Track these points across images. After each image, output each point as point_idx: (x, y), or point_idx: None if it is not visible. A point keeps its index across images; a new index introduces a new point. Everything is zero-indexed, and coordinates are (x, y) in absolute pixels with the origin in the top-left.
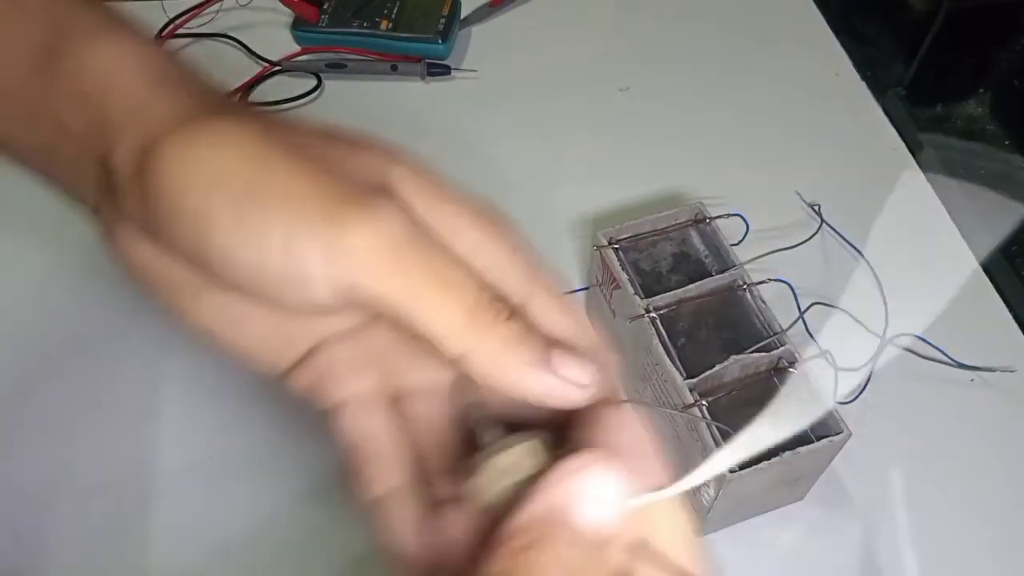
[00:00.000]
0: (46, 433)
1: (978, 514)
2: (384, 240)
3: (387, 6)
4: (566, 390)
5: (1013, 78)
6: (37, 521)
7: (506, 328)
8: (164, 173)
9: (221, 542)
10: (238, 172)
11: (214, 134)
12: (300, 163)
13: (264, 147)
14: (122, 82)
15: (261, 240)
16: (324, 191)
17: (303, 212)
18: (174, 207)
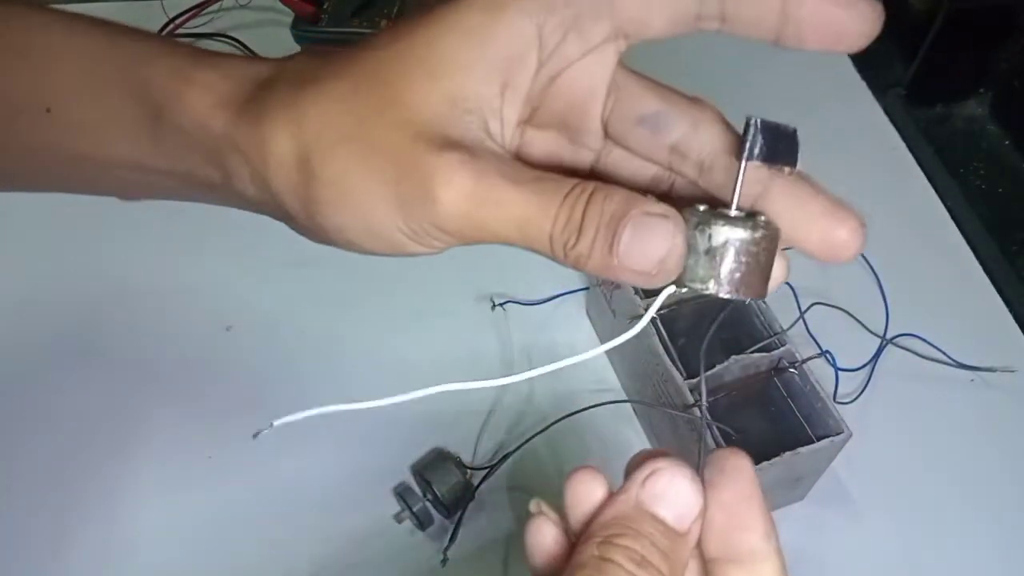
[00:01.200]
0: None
1: (978, 514)
2: (463, 204)
3: (387, 6)
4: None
5: (1013, 78)
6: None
7: (577, 251)
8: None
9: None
10: (331, 168)
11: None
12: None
13: (336, 127)
14: (217, 116)
15: (355, 239)
16: (395, 195)
17: (386, 224)
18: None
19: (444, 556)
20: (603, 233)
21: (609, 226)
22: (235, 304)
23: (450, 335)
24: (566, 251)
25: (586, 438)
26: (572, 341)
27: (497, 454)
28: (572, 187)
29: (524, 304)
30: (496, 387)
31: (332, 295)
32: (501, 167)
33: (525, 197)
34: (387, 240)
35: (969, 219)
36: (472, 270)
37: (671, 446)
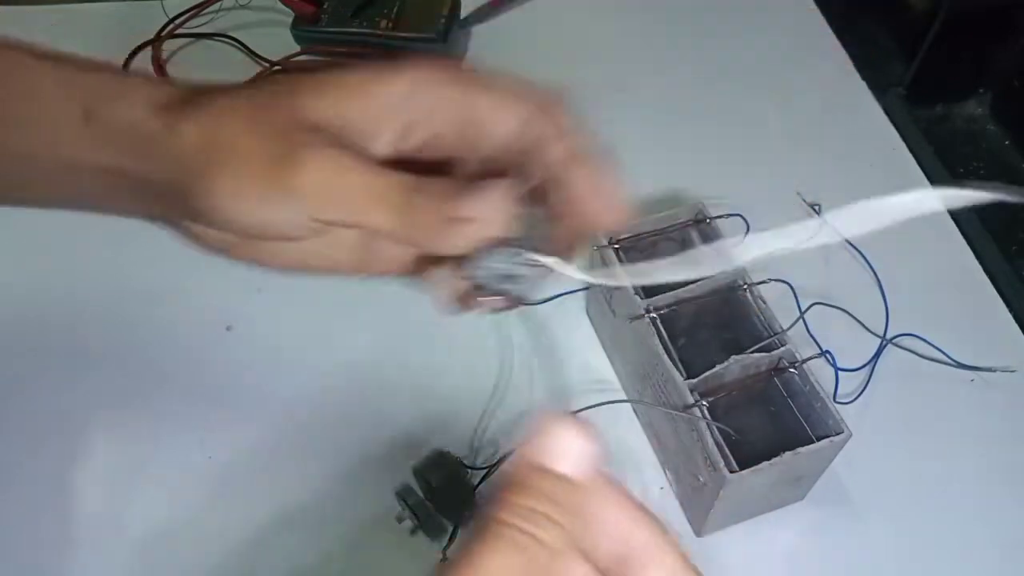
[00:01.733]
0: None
1: (978, 514)
2: (312, 175)
3: (387, 6)
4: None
5: (1013, 78)
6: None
7: (424, 220)
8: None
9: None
10: (229, 141)
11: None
12: (258, 138)
13: (240, 115)
14: (144, 113)
15: (244, 202)
16: (270, 155)
17: (261, 179)
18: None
19: (444, 556)
20: (437, 215)
21: (445, 197)
22: (235, 304)
23: (450, 335)
24: (403, 231)
25: None
26: (572, 341)
27: (497, 454)
28: (402, 177)
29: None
30: (494, 388)
31: (332, 295)
32: (362, 156)
33: (377, 173)
34: (262, 208)
35: (969, 219)
36: None
37: (671, 446)
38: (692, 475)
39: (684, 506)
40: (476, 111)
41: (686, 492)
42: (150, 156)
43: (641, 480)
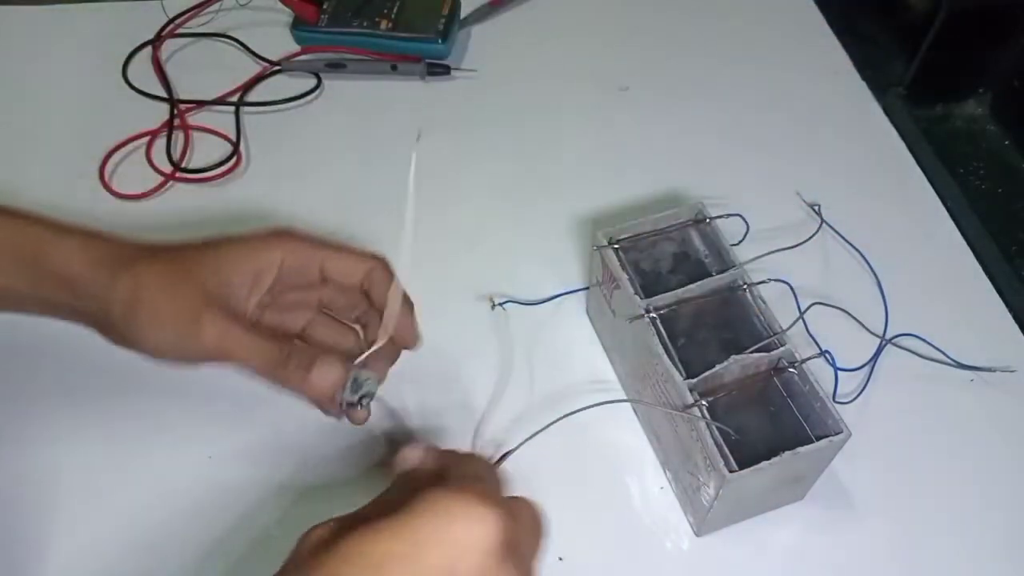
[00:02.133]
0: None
1: (978, 513)
2: (209, 337)
3: (387, 6)
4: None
5: (1013, 78)
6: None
7: (282, 376)
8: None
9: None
10: (150, 301)
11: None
12: (175, 293)
13: (156, 281)
14: (81, 267)
15: (159, 343)
16: (183, 311)
17: (177, 328)
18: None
19: None
20: (300, 371)
21: (306, 365)
22: None
23: (450, 335)
24: (276, 375)
25: (586, 437)
26: (572, 341)
27: (496, 453)
28: (282, 340)
29: (524, 304)
30: (494, 388)
31: None
32: (242, 321)
33: (253, 338)
34: (172, 350)
35: (969, 219)
36: (472, 270)
37: (671, 446)
38: (692, 475)
39: (684, 506)
40: (329, 270)
41: (686, 492)
42: (84, 299)
43: (641, 480)
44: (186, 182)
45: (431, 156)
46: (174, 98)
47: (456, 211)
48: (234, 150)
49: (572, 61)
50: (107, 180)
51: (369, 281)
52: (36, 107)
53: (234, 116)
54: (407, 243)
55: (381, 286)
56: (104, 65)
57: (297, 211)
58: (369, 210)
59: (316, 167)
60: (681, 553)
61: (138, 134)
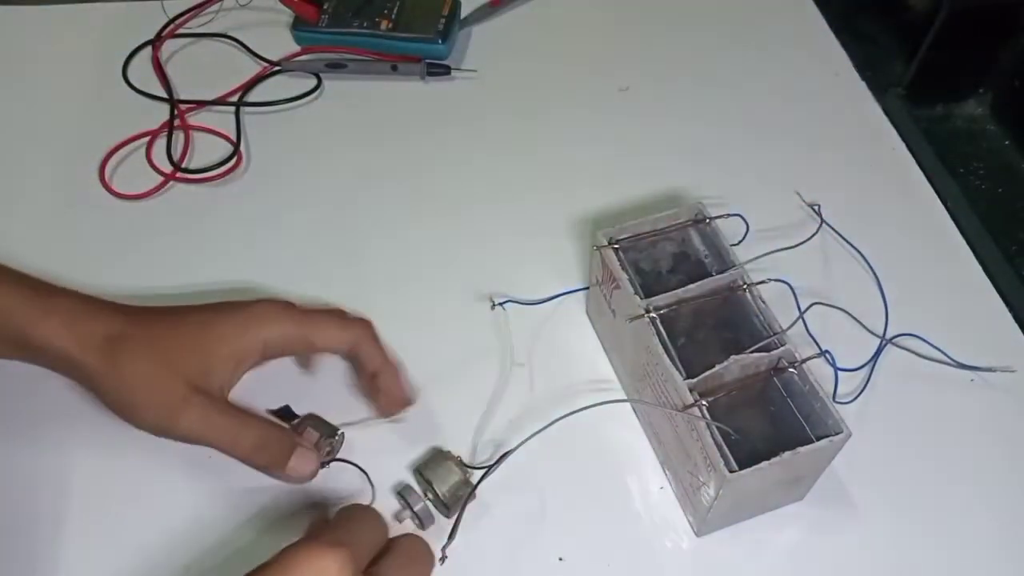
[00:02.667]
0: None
1: (978, 514)
2: (188, 428)
3: (387, 6)
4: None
5: (1013, 78)
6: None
7: (261, 464)
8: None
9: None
10: (131, 393)
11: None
12: (159, 377)
13: (137, 372)
14: (66, 349)
15: (144, 426)
16: (163, 404)
17: (159, 418)
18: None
19: (443, 554)
20: (280, 457)
21: (284, 454)
22: None
23: (450, 334)
24: (255, 459)
25: (585, 437)
26: (572, 341)
27: (496, 453)
28: (260, 428)
29: (524, 304)
30: (494, 388)
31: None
32: (221, 407)
33: (231, 426)
34: (157, 432)
35: (969, 219)
36: (472, 270)
37: (671, 446)
38: (692, 475)
39: (683, 506)
40: (314, 344)
41: (686, 492)
42: (74, 376)
43: (641, 480)
44: (186, 182)
45: (431, 156)
46: (174, 98)
47: (456, 211)
48: (234, 150)
49: (572, 61)
50: (107, 180)
51: (355, 349)
52: (36, 107)
53: (234, 116)
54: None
55: (368, 353)
56: (104, 65)
57: (297, 211)
58: (369, 210)
59: (316, 167)
60: (681, 553)
61: (138, 134)
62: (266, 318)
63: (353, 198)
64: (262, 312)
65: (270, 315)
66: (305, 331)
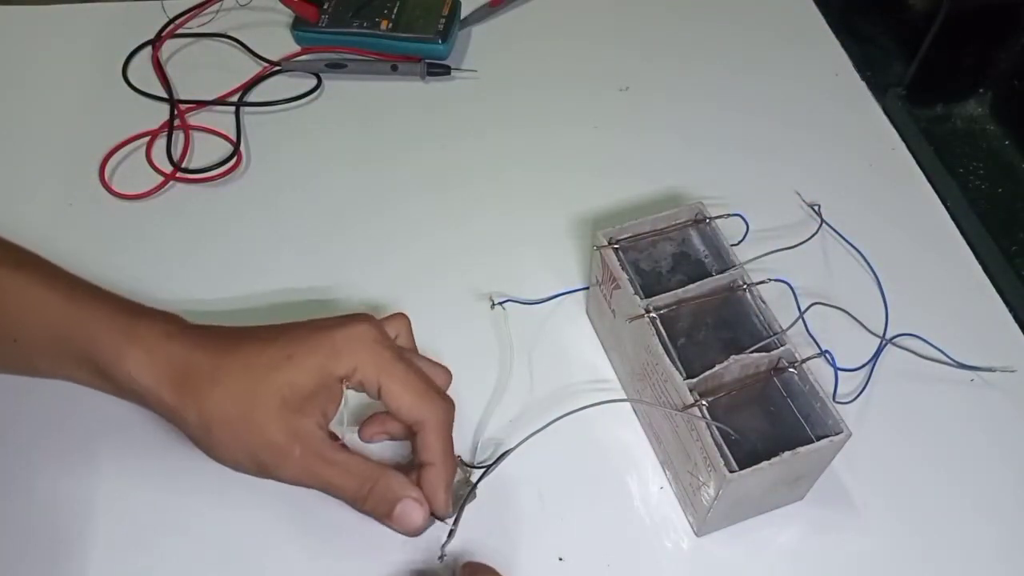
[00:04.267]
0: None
1: (978, 514)
2: (286, 475)
3: (387, 6)
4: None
5: (1013, 78)
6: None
7: (367, 509)
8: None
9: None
10: (221, 437)
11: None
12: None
13: (225, 414)
14: (148, 385)
15: (239, 469)
16: (256, 450)
17: (254, 464)
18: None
19: (442, 553)
20: (384, 506)
21: (389, 503)
22: (235, 305)
23: (449, 333)
24: (361, 507)
25: (585, 437)
26: (572, 341)
27: (497, 452)
28: (363, 472)
29: (523, 303)
30: (494, 388)
31: (332, 294)
32: (316, 450)
33: (332, 473)
34: (253, 474)
35: (969, 219)
36: (472, 269)
37: (671, 446)
38: (691, 475)
39: (683, 506)
40: (384, 400)
41: (685, 492)
42: (158, 412)
43: (641, 480)
44: (186, 182)
45: (431, 156)
46: (174, 98)
47: (456, 210)
48: (234, 150)
49: (572, 61)
50: (107, 180)
51: (417, 429)
52: (36, 107)
53: (234, 116)
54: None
55: (427, 442)
56: (104, 65)
57: (297, 211)
58: (369, 210)
59: (316, 167)
60: (681, 553)
61: (138, 134)
62: (356, 345)
63: (353, 198)
64: (352, 338)
65: (361, 343)
66: (383, 381)
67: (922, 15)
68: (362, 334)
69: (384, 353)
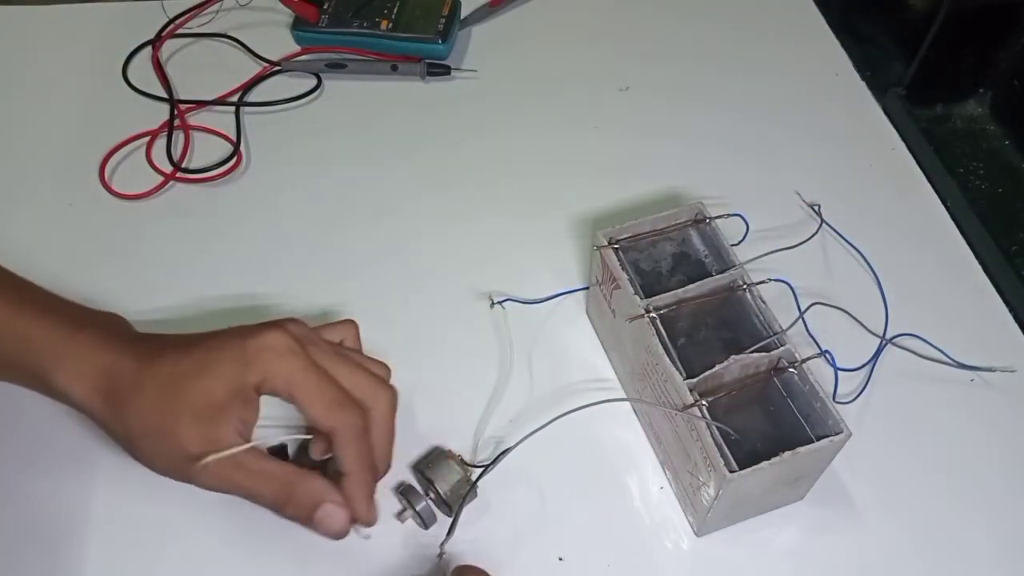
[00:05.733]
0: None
1: (978, 514)
2: (207, 481)
3: (387, 6)
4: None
5: (1013, 78)
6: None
7: (289, 515)
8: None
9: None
10: (147, 448)
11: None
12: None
13: (147, 425)
14: (81, 397)
15: (156, 469)
16: (177, 459)
17: (178, 471)
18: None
19: (441, 551)
20: (304, 511)
21: (309, 508)
22: (235, 304)
23: (449, 333)
24: (281, 512)
25: (586, 437)
26: (572, 340)
27: (497, 451)
28: (284, 475)
29: (523, 303)
30: (494, 387)
31: (331, 294)
32: (236, 459)
33: (249, 480)
34: (179, 480)
35: (969, 219)
36: (471, 268)
37: (671, 446)
38: (692, 475)
39: (683, 506)
40: (297, 407)
41: (685, 492)
42: (89, 418)
43: (641, 480)
44: (186, 182)
45: (431, 156)
46: (174, 98)
47: (456, 210)
48: (234, 150)
49: (572, 61)
50: (107, 180)
51: (332, 439)
52: (36, 107)
53: (234, 116)
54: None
55: (342, 454)
56: (104, 65)
57: (297, 211)
58: (369, 209)
59: (316, 167)
60: (681, 553)
61: (138, 134)
62: (265, 355)
63: (353, 197)
64: (262, 347)
65: (271, 353)
66: (292, 391)
67: (922, 15)
68: (273, 342)
69: (294, 362)
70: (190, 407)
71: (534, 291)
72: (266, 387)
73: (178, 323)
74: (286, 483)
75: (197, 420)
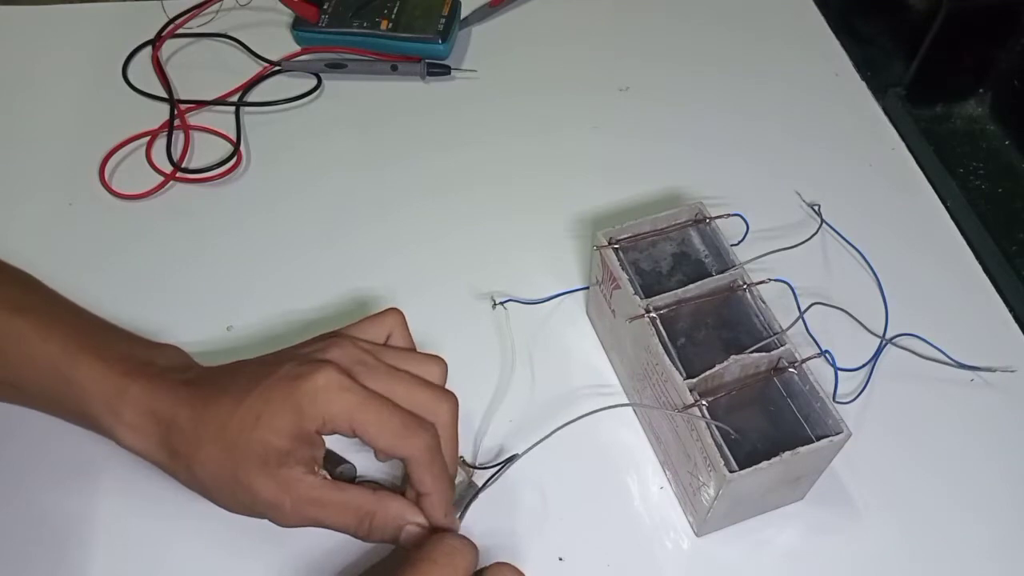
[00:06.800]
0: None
1: (977, 514)
2: (289, 520)
3: (387, 6)
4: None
5: (1013, 78)
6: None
7: (372, 539)
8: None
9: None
10: (216, 492)
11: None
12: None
13: (212, 472)
14: (123, 435)
15: (223, 505)
16: (254, 503)
17: (254, 511)
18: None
19: None
20: (388, 535)
21: (392, 531)
22: (235, 305)
23: (451, 333)
24: (365, 540)
25: (585, 437)
26: (572, 340)
27: (499, 452)
28: (362, 505)
29: (524, 303)
30: (495, 388)
31: (331, 294)
32: (309, 496)
33: (327, 514)
34: (256, 516)
35: (969, 219)
36: (473, 269)
37: (670, 446)
38: (692, 475)
39: (683, 506)
40: (366, 441)
41: (685, 492)
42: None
43: (641, 480)
44: (186, 182)
45: (431, 156)
46: (174, 98)
47: (456, 210)
48: (234, 150)
49: (572, 61)
50: (107, 180)
51: (408, 465)
52: (36, 107)
53: (234, 116)
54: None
55: (418, 476)
56: (104, 65)
57: (297, 211)
58: (369, 210)
59: (316, 167)
60: (681, 553)
61: (138, 134)
62: (319, 399)
63: (353, 197)
64: (315, 392)
65: (324, 396)
66: (355, 429)
67: (922, 15)
68: (324, 383)
69: (350, 399)
70: (255, 458)
71: (535, 291)
72: (327, 430)
73: (178, 323)
74: (365, 513)
75: (265, 469)
